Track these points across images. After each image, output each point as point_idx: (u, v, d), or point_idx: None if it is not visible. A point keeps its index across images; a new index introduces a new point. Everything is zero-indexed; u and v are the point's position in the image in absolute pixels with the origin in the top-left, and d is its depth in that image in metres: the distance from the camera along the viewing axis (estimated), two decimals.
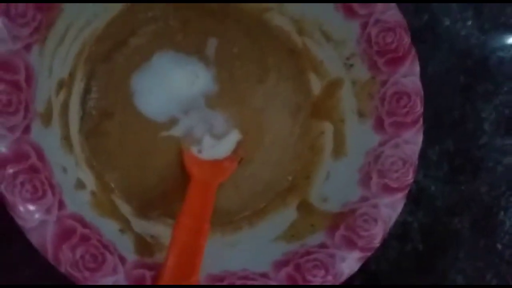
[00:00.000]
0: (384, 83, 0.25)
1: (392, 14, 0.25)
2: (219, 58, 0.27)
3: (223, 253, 0.25)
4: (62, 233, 0.21)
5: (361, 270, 0.24)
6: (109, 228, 0.23)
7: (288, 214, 0.27)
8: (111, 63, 0.27)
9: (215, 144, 0.27)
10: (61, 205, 0.22)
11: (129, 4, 0.27)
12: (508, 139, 0.32)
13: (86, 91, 0.26)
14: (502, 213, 0.32)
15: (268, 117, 0.28)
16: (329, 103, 0.28)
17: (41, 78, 0.22)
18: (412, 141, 0.25)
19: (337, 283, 0.24)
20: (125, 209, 0.26)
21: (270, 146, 0.28)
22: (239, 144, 0.27)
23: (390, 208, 0.24)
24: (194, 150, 0.27)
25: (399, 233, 0.31)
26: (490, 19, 0.32)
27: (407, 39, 0.25)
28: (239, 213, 0.27)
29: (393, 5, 0.25)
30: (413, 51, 0.25)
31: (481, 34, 0.31)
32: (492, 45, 0.32)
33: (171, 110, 0.27)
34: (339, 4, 0.25)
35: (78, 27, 0.25)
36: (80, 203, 0.23)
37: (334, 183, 0.26)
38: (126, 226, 0.25)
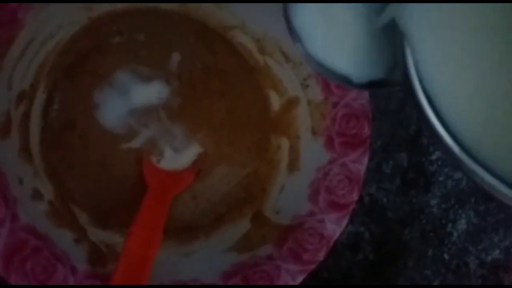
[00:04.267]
0: (335, 104, 0.27)
1: None
2: (182, 72, 0.28)
3: (177, 263, 0.26)
4: (14, 245, 0.21)
5: (314, 278, 0.25)
6: (63, 238, 0.24)
7: (242, 225, 0.28)
8: (74, 76, 0.27)
9: (175, 156, 0.28)
10: (14, 217, 0.22)
11: (94, 17, 0.27)
12: None
13: (48, 102, 0.27)
14: (450, 225, 0.33)
15: (229, 131, 0.29)
16: (287, 119, 0.29)
17: (0, 92, 0.23)
18: (359, 161, 0.26)
19: None
20: (83, 218, 0.26)
21: (229, 159, 0.29)
22: (199, 157, 0.28)
23: (335, 224, 0.26)
24: (153, 159, 0.28)
25: (351, 243, 0.32)
26: None
27: None
28: (196, 223, 0.28)
29: None
30: None
31: None
32: None
33: (132, 123, 0.27)
34: None
35: (40, 41, 0.25)
36: (35, 213, 0.23)
37: (287, 196, 0.28)
38: (81, 236, 0.25)
